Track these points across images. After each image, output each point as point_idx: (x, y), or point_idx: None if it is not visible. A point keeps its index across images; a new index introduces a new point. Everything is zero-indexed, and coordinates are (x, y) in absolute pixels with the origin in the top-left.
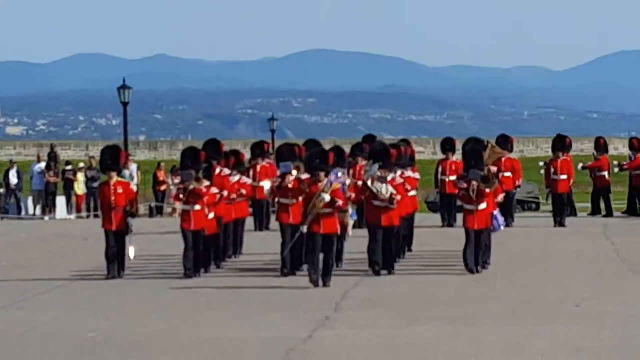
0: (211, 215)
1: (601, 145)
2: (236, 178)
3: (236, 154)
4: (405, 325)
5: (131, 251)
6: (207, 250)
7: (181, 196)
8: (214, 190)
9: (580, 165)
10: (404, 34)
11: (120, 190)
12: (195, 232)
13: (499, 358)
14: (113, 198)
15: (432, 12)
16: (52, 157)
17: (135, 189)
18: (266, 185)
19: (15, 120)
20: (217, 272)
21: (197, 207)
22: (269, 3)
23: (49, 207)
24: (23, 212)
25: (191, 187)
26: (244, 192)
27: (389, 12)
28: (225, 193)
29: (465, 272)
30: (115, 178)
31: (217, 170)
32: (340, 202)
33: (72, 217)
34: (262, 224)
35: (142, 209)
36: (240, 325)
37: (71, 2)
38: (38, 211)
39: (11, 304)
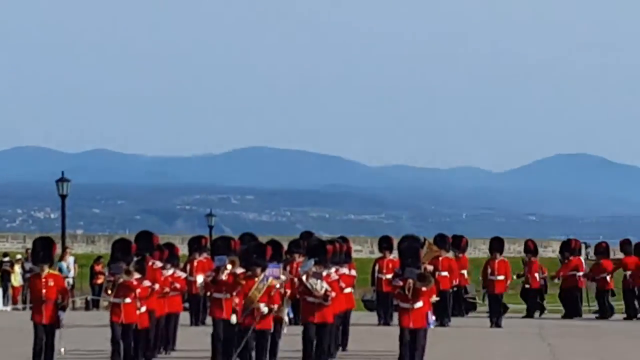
0: (143, 309)
1: (530, 248)
2: (170, 272)
3: (170, 247)
4: None
5: (61, 346)
6: (136, 345)
7: (109, 291)
8: (146, 283)
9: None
10: (343, 132)
11: (51, 283)
12: (125, 326)
13: None
14: (44, 290)
15: (371, 112)
16: None
17: (71, 281)
18: (199, 279)
19: None
20: None
21: (127, 300)
22: (209, 100)
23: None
24: None
25: (121, 280)
26: (177, 285)
27: (328, 111)
28: (157, 286)
29: None
30: (46, 270)
31: (149, 263)
32: (275, 307)
33: (8, 308)
34: (197, 318)
35: (79, 301)
36: None
37: (7, 94)
38: None
39: None
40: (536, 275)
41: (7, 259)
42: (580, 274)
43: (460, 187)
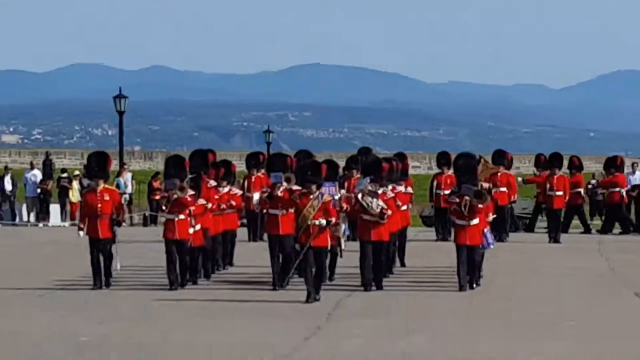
0: (197, 227)
1: (575, 164)
2: (225, 189)
3: (227, 164)
4: (396, 337)
5: (117, 261)
6: (194, 262)
7: (163, 207)
8: (201, 201)
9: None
10: (402, 49)
11: (107, 198)
12: (178, 242)
13: None
14: (99, 205)
15: (431, 28)
16: (47, 165)
17: (129, 198)
18: (255, 196)
19: (11, 129)
20: (206, 285)
21: (181, 217)
22: (269, 16)
23: (42, 214)
24: (17, 219)
25: (175, 196)
26: (233, 203)
27: (387, 27)
28: (210, 205)
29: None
30: (101, 185)
31: (204, 182)
32: (332, 220)
33: (66, 224)
34: (255, 235)
35: (136, 218)
36: (232, 332)
37: (69, 12)
38: (32, 218)
39: (3, 309)
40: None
41: (65, 175)
42: (623, 190)
43: (520, 103)
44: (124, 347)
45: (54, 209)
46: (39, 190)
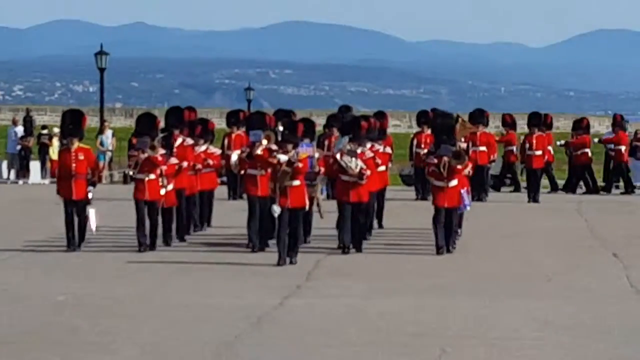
0: (170, 187)
1: (583, 125)
2: (202, 148)
3: (204, 122)
4: (375, 295)
5: (92, 222)
6: (167, 224)
7: (133, 165)
8: (173, 160)
9: (561, 142)
10: (382, 6)
11: (81, 157)
12: (149, 203)
13: (469, 330)
14: (74, 165)
15: None
16: (28, 121)
17: (110, 155)
18: (233, 156)
19: None
20: (182, 246)
21: (151, 176)
22: None
23: (22, 170)
24: None
25: (145, 155)
26: (210, 162)
27: None
28: (185, 164)
29: None
30: (76, 144)
31: (179, 140)
32: (299, 165)
33: (46, 181)
34: (235, 193)
35: (117, 175)
36: (210, 292)
37: None
38: (12, 175)
39: None
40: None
41: (45, 131)
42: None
43: (500, 62)
44: (101, 306)
45: (34, 166)
46: (19, 147)
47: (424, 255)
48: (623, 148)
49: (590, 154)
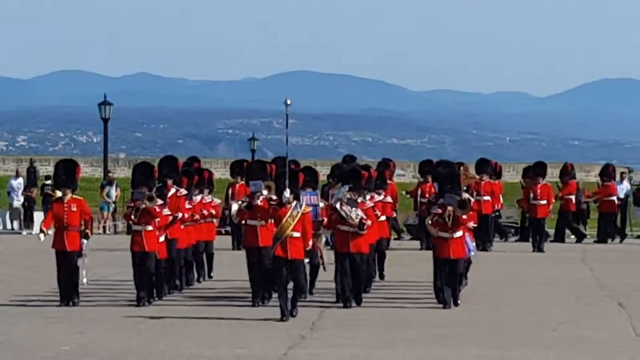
0: (161, 239)
1: (568, 170)
2: (198, 197)
3: (200, 172)
4: (379, 345)
5: (83, 276)
6: (159, 277)
7: (132, 217)
8: (166, 211)
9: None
10: (387, 57)
11: (74, 208)
12: (146, 254)
13: None
14: (66, 216)
15: (415, 36)
16: (32, 172)
17: (114, 206)
18: (234, 206)
19: None
20: (178, 300)
21: (149, 228)
22: (252, 23)
23: (26, 221)
24: (0, 226)
25: (142, 206)
26: (205, 212)
27: (371, 35)
28: (180, 215)
29: None
30: (69, 195)
31: (173, 190)
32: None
33: (50, 232)
34: (240, 243)
35: (121, 225)
36: (214, 342)
37: (52, 19)
38: (15, 225)
39: None
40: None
41: (49, 182)
42: (614, 198)
43: (504, 111)
44: (106, 357)
45: (38, 216)
46: (22, 198)
47: (428, 306)
48: (573, 197)
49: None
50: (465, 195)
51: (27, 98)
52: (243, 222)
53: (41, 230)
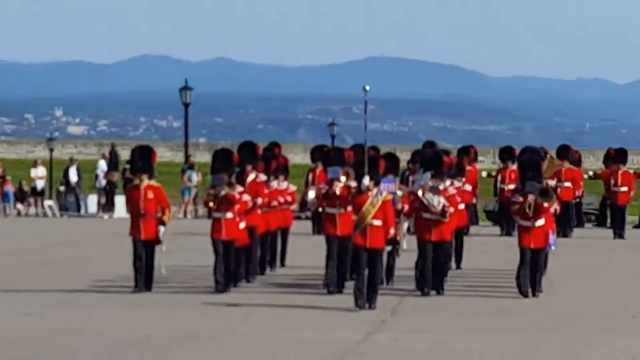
0: (242, 225)
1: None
2: (274, 184)
3: (276, 158)
4: (459, 331)
5: (162, 266)
6: (238, 263)
7: (211, 203)
8: (246, 197)
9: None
10: (466, 43)
11: (150, 195)
12: (226, 242)
13: None
14: (142, 203)
15: (494, 22)
16: (113, 156)
17: (195, 190)
18: (310, 194)
19: (77, 120)
20: (249, 287)
21: (229, 215)
22: (331, 9)
23: (108, 205)
24: (82, 210)
25: (223, 192)
26: (282, 199)
27: (450, 20)
28: (259, 201)
29: None
30: (145, 181)
31: (252, 176)
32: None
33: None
34: (320, 228)
35: (201, 210)
36: (293, 326)
37: (135, 3)
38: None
39: (67, 300)
40: None
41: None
42: None
43: (585, 98)
44: (187, 340)
45: (119, 200)
46: (104, 182)
47: (508, 293)
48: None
49: None
50: (552, 183)
51: (108, 83)
52: (320, 209)
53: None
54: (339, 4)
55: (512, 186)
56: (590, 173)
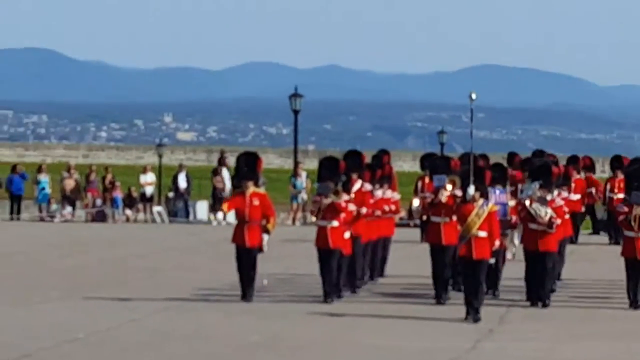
0: (347, 234)
1: None
2: (379, 193)
3: (383, 167)
4: (565, 340)
5: (263, 277)
6: (339, 273)
7: (314, 218)
8: (352, 206)
9: None
10: (574, 51)
11: (256, 202)
12: (331, 251)
13: None
14: (247, 210)
15: (603, 30)
16: (222, 163)
17: (305, 197)
18: (415, 202)
19: (186, 126)
20: (354, 297)
21: (334, 223)
22: (442, 18)
23: (215, 212)
24: (191, 216)
25: (329, 200)
26: (387, 208)
27: (558, 29)
28: (364, 210)
29: None
30: (251, 188)
31: (358, 185)
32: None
33: (228, 214)
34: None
35: (309, 217)
36: (401, 335)
37: (245, 10)
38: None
39: (175, 305)
40: None
41: None
42: None
43: None
44: (292, 347)
45: None
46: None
47: (617, 303)
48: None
49: None
50: None
51: (218, 89)
52: (425, 217)
53: (221, 209)
54: (452, 12)
55: (621, 195)
56: None
